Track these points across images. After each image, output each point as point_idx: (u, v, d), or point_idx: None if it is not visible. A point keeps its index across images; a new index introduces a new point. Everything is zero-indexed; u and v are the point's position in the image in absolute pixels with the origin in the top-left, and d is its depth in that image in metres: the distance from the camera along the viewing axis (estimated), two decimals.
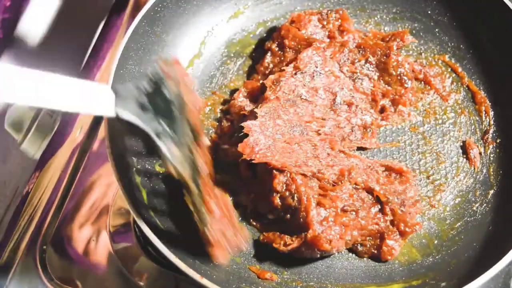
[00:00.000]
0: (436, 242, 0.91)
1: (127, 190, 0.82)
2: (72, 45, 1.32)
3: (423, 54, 1.08)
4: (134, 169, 0.90)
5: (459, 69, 1.06)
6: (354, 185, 0.90)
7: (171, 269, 0.95)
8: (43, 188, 1.07)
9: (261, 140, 0.88)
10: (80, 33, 1.31)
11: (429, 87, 1.04)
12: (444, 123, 1.02)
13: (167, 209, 0.91)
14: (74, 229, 1.03)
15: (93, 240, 1.02)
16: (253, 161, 0.86)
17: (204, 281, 0.76)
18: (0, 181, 1.16)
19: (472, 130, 1.01)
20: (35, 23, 1.30)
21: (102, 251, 1.01)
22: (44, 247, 1.01)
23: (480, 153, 0.98)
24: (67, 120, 1.14)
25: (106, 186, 1.07)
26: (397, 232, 0.88)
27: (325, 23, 1.06)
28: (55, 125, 1.12)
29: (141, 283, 0.99)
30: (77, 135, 1.12)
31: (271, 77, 0.97)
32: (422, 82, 1.04)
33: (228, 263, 0.87)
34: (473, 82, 1.05)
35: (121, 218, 1.04)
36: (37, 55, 1.31)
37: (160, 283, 0.99)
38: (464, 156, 0.99)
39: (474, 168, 0.97)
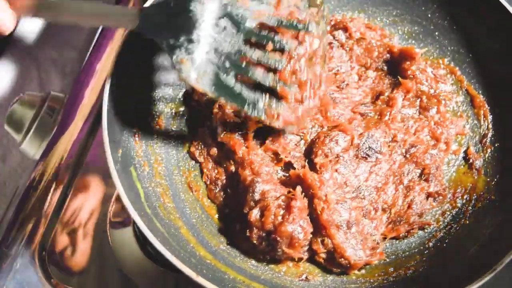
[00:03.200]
0: (431, 244, 0.94)
1: (124, 187, 0.82)
2: (72, 44, 1.32)
3: (422, 57, 1.09)
4: (132, 167, 0.90)
5: (458, 73, 1.07)
6: None
7: (170, 268, 0.96)
8: (43, 188, 1.07)
9: None
10: (80, 32, 1.31)
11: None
12: None
13: (164, 206, 0.92)
14: (73, 229, 1.03)
15: (93, 240, 1.02)
16: None
17: (200, 279, 0.77)
18: (0, 181, 1.17)
19: (471, 134, 1.02)
20: (35, 20, 1.29)
21: (101, 251, 1.01)
22: (44, 247, 1.02)
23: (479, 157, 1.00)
24: (67, 120, 1.14)
25: (106, 186, 1.07)
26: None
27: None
28: (55, 125, 1.12)
29: (141, 283, 0.99)
30: (76, 135, 1.12)
31: None
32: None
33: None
34: (472, 86, 1.05)
35: (121, 218, 1.05)
36: (36, 54, 1.31)
37: (160, 283, 0.99)
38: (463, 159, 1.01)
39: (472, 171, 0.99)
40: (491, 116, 1.02)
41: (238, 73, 0.84)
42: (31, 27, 1.30)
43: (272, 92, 0.85)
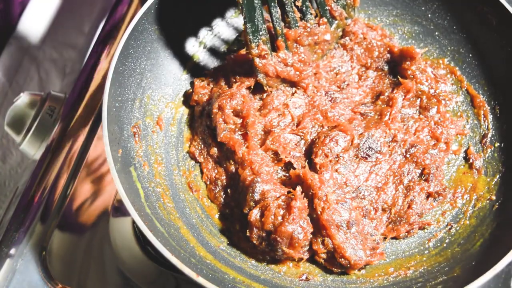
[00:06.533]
0: (431, 244, 0.94)
1: (124, 187, 0.82)
2: (72, 44, 1.32)
3: (422, 57, 1.09)
4: (132, 167, 0.90)
5: (458, 73, 1.07)
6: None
7: (170, 269, 0.96)
8: (43, 188, 1.07)
9: None
10: (80, 33, 1.31)
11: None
12: None
13: (164, 206, 0.92)
14: (73, 229, 1.03)
15: (93, 240, 1.02)
16: None
17: (200, 279, 0.77)
18: (0, 181, 1.17)
19: (471, 134, 1.02)
20: (35, 20, 1.29)
21: (102, 251, 1.01)
22: (44, 247, 1.02)
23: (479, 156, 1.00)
24: (67, 119, 1.14)
25: (106, 186, 1.07)
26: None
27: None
28: (55, 125, 1.12)
29: (141, 283, 0.99)
30: (76, 134, 1.12)
31: None
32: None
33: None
34: (472, 86, 1.05)
35: (121, 218, 1.05)
36: (36, 54, 1.31)
37: (160, 283, 0.99)
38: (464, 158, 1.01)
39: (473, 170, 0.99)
40: (491, 116, 1.02)
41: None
42: (31, 27, 1.30)
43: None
